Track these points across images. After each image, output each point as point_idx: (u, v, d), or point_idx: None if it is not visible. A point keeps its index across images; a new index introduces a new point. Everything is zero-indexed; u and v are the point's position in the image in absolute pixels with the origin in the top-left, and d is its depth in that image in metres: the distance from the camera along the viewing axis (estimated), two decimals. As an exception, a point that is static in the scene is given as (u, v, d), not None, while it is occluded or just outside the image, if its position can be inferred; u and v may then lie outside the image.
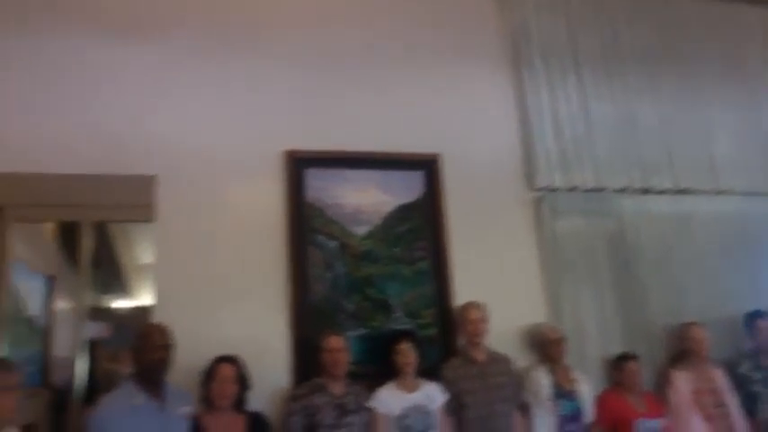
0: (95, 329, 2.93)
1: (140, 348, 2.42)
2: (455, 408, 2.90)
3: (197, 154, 3.14)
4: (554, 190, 3.61)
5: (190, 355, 2.60)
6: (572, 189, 3.64)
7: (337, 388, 2.76)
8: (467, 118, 3.64)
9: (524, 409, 3.04)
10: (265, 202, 3.16)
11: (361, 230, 3.23)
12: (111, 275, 3.09)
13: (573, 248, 3.50)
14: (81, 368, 2.80)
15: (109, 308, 3.06)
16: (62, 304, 3.05)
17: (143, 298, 3.22)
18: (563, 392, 3.05)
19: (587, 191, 3.67)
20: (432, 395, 2.85)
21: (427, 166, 3.41)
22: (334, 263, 3.15)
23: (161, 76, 3.22)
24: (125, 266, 3.24)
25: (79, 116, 3.05)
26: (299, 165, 3.22)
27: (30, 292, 2.93)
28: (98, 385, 2.82)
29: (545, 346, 3.18)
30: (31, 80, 3.06)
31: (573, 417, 3.02)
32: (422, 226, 3.31)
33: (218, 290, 2.98)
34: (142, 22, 3.30)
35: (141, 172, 3.02)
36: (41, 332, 2.95)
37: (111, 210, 3.00)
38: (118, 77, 3.16)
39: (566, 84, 3.81)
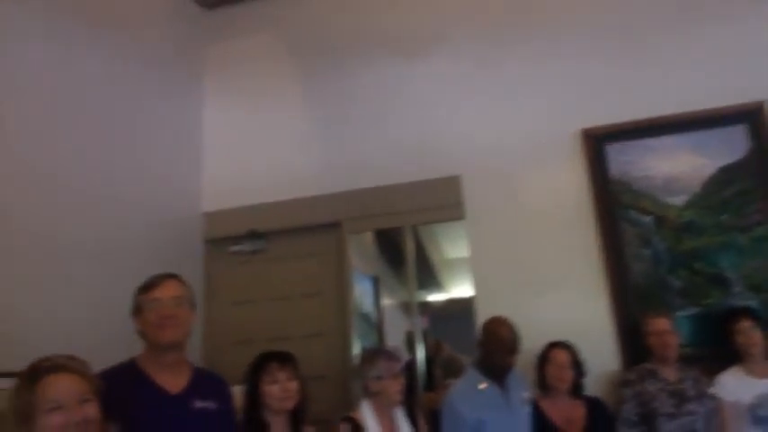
0: (415, 322, 3.19)
1: (490, 349, 2.49)
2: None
3: (494, 147, 3.24)
4: None
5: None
6: None
7: (670, 373, 2.58)
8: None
9: None
10: (568, 185, 3.11)
11: (679, 200, 2.96)
12: (423, 272, 3.35)
13: None
14: (419, 356, 3.10)
15: (426, 302, 3.31)
16: (388, 301, 3.43)
17: (456, 290, 3.44)
18: None
19: None
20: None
21: (750, 117, 2.97)
22: (652, 238, 2.95)
23: (449, 84, 3.41)
24: (436, 263, 3.50)
25: (387, 133, 3.42)
26: (598, 141, 3.10)
27: (363, 292, 3.35)
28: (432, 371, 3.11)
29: None
30: (342, 108, 3.54)
31: None
32: (752, 187, 2.90)
33: (532, 277, 3.02)
34: (419, 37, 3.54)
35: (446, 174, 3.23)
36: (375, 326, 3.36)
37: (425, 212, 3.25)
38: (411, 92, 3.45)
39: None
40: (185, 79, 3.69)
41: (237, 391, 2.18)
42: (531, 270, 3.04)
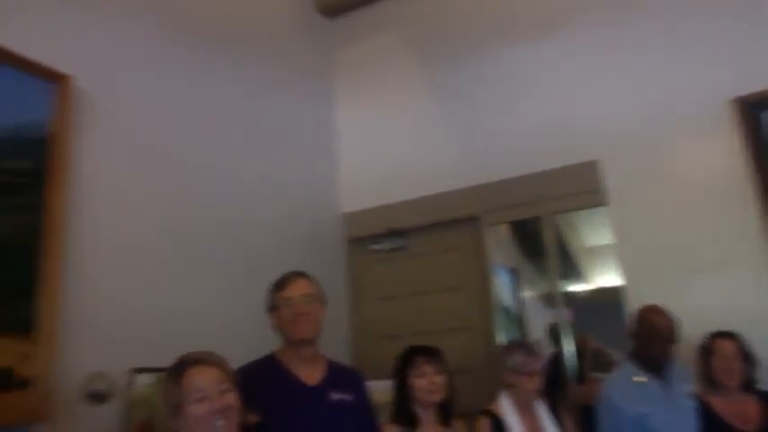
0: (559, 314, 3.09)
1: (646, 339, 2.39)
2: None
3: (635, 126, 3.03)
4: None
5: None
6: None
7: None
8: None
9: None
10: (721, 159, 2.83)
11: None
12: (564, 262, 3.22)
13: None
14: (567, 349, 2.99)
15: (567, 292, 3.17)
16: (527, 293, 3.35)
17: (600, 280, 3.28)
18: None
19: None
20: None
21: None
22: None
23: (580, 63, 3.25)
24: (576, 252, 3.35)
25: (519, 121, 3.34)
26: (753, 109, 2.78)
27: (502, 285, 3.30)
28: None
29: None
30: (471, 99, 3.51)
31: None
32: None
33: (687, 262, 2.80)
34: (547, 17, 3.40)
35: (584, 159, 3.09)
36: (516, 319, 3.29)
37: (565, 200, 3.14)
38: (541, 76, 3.34)
39: None
40: (316, 86, 3.87)
41: (384, 386, 2.26)
42: (684, 254, 2.81)
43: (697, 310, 2.63)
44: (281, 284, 1.90)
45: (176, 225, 2.52)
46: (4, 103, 1.88)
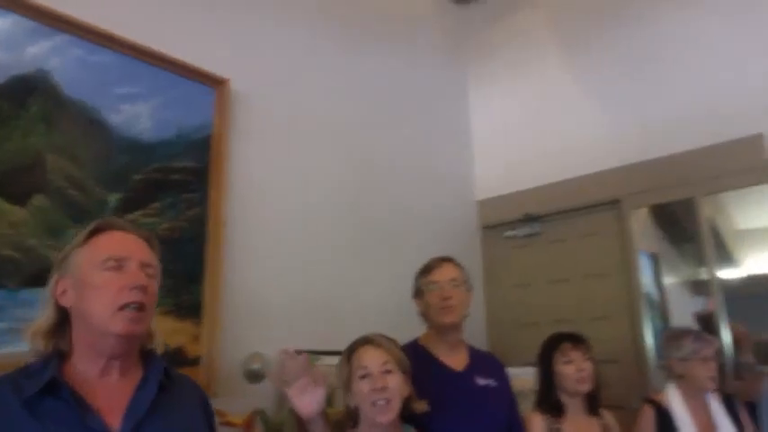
0: (701, 303, 2.89)
1: None
2: None
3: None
4: None
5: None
6: None
7: None
8: None
9: None
10: None
11: None
12: (712, 246, 2.96)
13: None
14: (723, 341, 2.77)
15: (718, 279, 2.91)
16: (670, 280, 3.14)
17: (756, 266, 2.98)
18: None
19: None
20: None
21: None
22: None
23: (741, 26, 2.94)
24: (726, 235, 3.07)
25: (669, 96, 3.11)
26: None
27: (643, 271, 3.11)
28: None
29: None
30: (614, 74, 3.33)
31: None
32: None
33: None
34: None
35: (745, 134, 2.81)
36: (659, 308, 3.10)
37: (721, 179, 2.88)
38: (695, 44, 3.07)
39: None
40: (451, 73, 3.88)
41: (526, 373, 2.23)
42: None
43: None
44: (427, 269, 1.93)
45: (320, 212, 2.65)
46: (170, 108, 2.08)
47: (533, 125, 3.60)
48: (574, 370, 2.04)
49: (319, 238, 2.60)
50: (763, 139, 2.77)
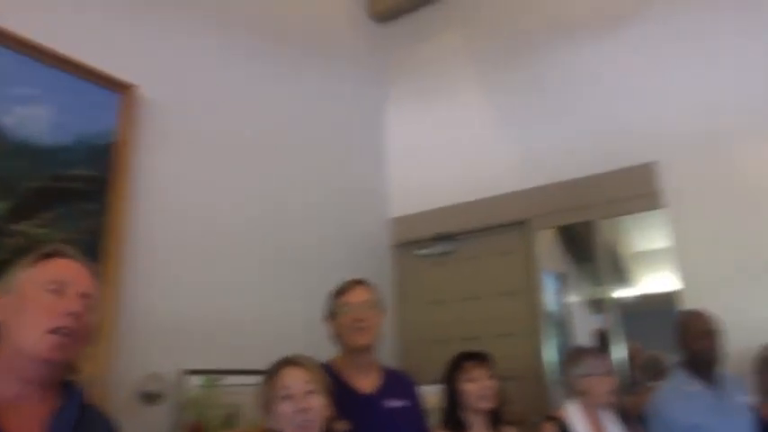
0: (600, 321, 3.04)
1: (684, 337, 2.39)
2: None
3: (697, 126, 2.95)
4: None
5: (729, 340, 2.39)
6: None
7: None
8: None
9: None
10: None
11: None
12: (612, 267, 3.15)
13: None
14: (616, 357, 2.93)
15: (614, 298, 3.08)
16: (573, 299, 3.30)
17: (650, 285, 3.19)
18: None
19: None
20: None
21: None
22: None
23: (639, 61, 3.18)
24: (624, 256, 3.27)
25: (573, 123, 3.30)
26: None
27: (548, 290, 3.24)
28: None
29: None
30: (524, 101, 3.49)
31: None
32: None
33: (749, 267, 2.70)
34: (606, 14, 3.35)
35: (641, 161, 3.02)
36: (562, 325, 3.24)
37: (618, 204, 3.07)
38: (598, 76, 3.28)
39: None
40: (370, 90, 3.92)
41: (434, 391, 2.26)
42: (747, 258, 2.71)
43: (759, 316, 2.57)
44: (341, 291, 1.93)
45: (229, 229, 2.58)
46: (70, 112, 1.97)
47: (447, 145, 3.69)
48: (477, 388, 2.08)
49: (228, 255, 2.53)
50: (655, 167, 2.99)
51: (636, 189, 3.01)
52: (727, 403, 2.25)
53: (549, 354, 3.08)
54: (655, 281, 3.15)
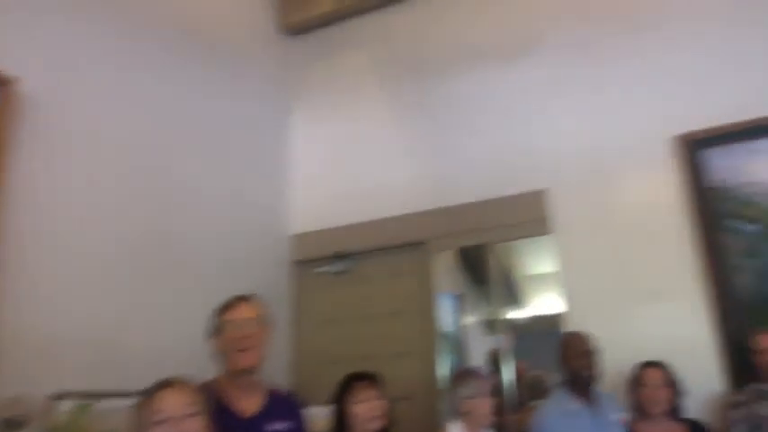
0: (499, 341, 3.14)
1: (565, 357, 2.51)
2: None
3: (583, 158, 3.15)
4: None
5: (606, 361, 2.56)
6: None
7: (783, 395, 2.38)
8: None
9: None
10: (663, 194, 2.95)
11: (788, 207, 2.74)
12: (506, 289, 3.28)
13: None
14: (506, 377, 3.04)
15: (508, 319, 3.22)
16: (470, 320, 3.40)
17: (540, 307, 3.35)
18: None
19: None
20: None
21: None
22: (761, 248, 2.74)
23: (534, 94, 3.35)
24: (518, 279, 3.43)
25: (471, 149, 3.41)
26: (694, 147, 2.93)
27: (446, 311, 3.32)
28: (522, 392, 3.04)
29: None
30: (425, 126, 3.58)
31: None
32: None
33: (627, 292, 2.90)
34: (504, 48, 3.51)
35: (533, 188, 3.17)
36: (458, 346, 3.33)
37: (511, 228, 3.20)
38: (495, 106, 3.43)
39: None
40: (276, 103, 3.87)
41: (325, 412, 2.23)
42: (625, 285, 2.91)
43: (636, 338, 2.75)
44: (226, 307, 1.84)
45: (111, 236, 2.42)
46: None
47: (349, 164, 3.72)
48: (365, 409, 2.08)
49: (109, 266, 2.37)
50: (545, 195, 3.15)
51: (527, 215, 3.15)
52: (602, 420, 2.38)
53: (444, 374, 3.13)
54: (544, 303, 3.31)
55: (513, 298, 3.38)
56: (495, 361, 3.12)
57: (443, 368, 3.15)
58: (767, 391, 2.39)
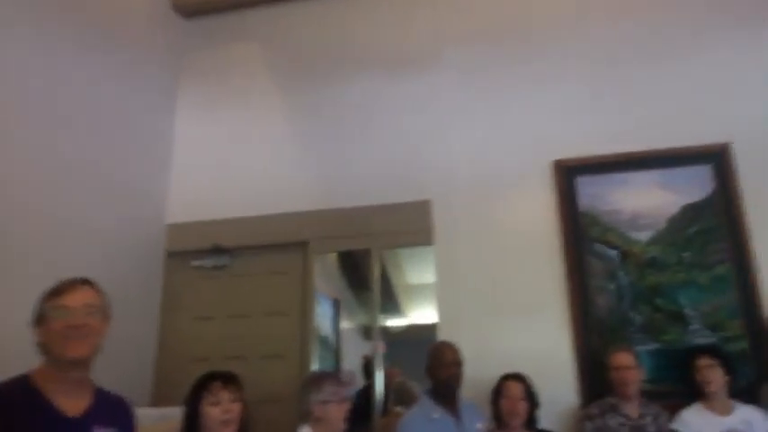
0: (372, 347, 3.15)
1: (433, 366, 2.55)
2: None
3: (467, 174, 3.24)
4: None
5: (475, 371, 2.64)
6: None
7: (631, 408, 2.55)
8: (762, 95, 3.09)
9: None
10: (539, 215, 3.11)
11: (644, 236, 2.97)
12: (385, 297, 3.29)
13: None
14: (378, 382, 3.05)
15: (385, 327, 3.24)
16: (347, 324, 3.39)
17: (417, 317, 3.41)
18: None
19: None
20: (750, 420, 2.46)
21: (716, 158, 2.99)
22: (617, 272, 2.95)
23: (425, 107, 3.42)
24: (397, 288, 3.46)
25: (359, 153, 3.42)
26: (569, 173, 3.12)
27: (323, 314, 3.31)
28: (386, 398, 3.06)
29: None
30: (315, 125, 3.53)
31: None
32: (715, 226, 2.92)
33: (498, 306, 3.01)
34: (397, 58, 3.56)
35: (417, 198, 3.22)
36: (334, 350, 3.31)
37: (394, 236, 3.22)
38: (387, 113, 3.45)
39: None
40: (159, 87, 3.67)
41: (177, 413, 2.11)
42: (497, 299, 3.02)
43: (502, 351, 2.86)
44: (56, 292, 1.60)
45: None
46: None
47: (235, 157, 3.60)
48: (219, 411, 1.98)
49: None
50: (429, 206, 3.20)
51: (411, 224, 3.19)
52: (464, 429, 2.43)
53: (316, 377, 3.07)
54: (422, 312, 3.35)
55: (393, 305, 3.41)
56: (368, 366, 3.12)
57: (314, 372, 3.09)
58: (617, 405, 2.55)
